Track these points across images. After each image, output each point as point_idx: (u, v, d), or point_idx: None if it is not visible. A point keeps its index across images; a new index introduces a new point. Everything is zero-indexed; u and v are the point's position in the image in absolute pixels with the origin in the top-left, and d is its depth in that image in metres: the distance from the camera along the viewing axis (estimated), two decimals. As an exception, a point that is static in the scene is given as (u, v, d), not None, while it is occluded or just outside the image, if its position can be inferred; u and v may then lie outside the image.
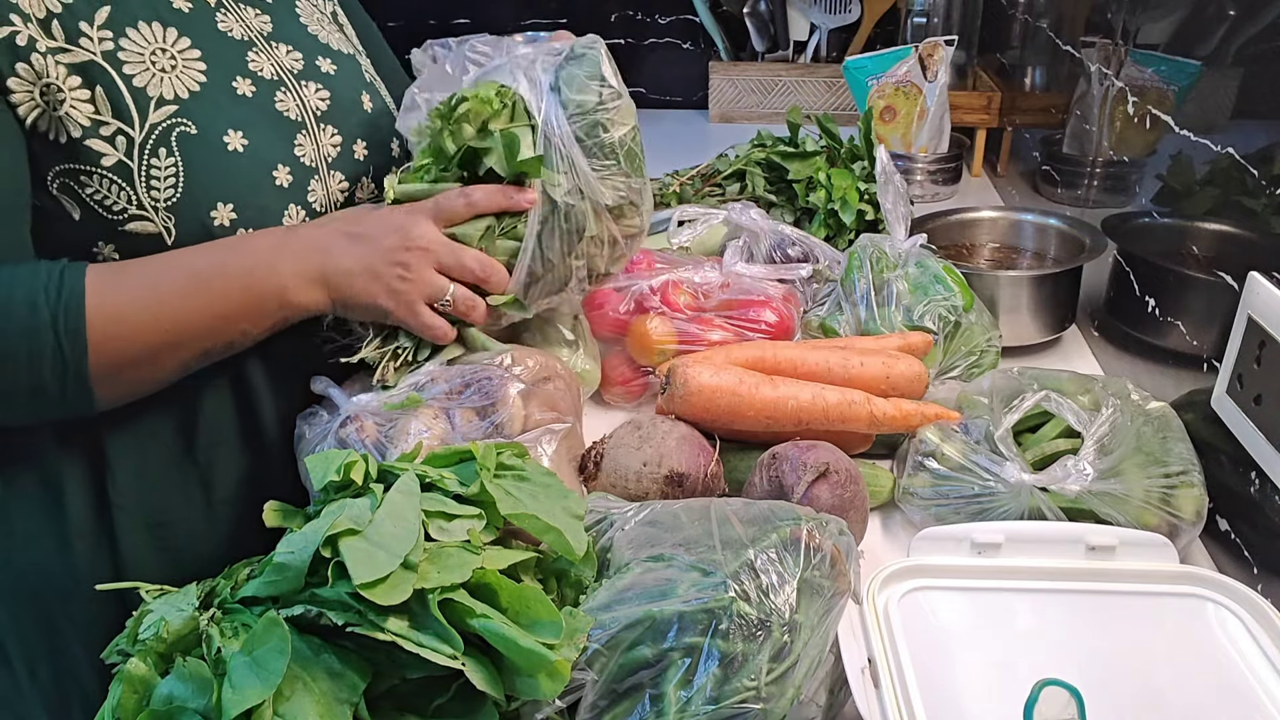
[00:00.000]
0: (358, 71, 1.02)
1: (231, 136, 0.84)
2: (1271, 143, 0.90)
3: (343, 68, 0.99)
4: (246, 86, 0.88)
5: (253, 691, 0.59)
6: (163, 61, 0.82)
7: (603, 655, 0.67)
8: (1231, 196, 0.97)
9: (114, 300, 0.78)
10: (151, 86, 0.80)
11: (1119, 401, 0.95)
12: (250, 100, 0.87)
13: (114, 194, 0.80)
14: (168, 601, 0.68)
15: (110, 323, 0.77)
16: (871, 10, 2.22)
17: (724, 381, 1.00)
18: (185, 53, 0.84)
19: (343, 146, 0.95)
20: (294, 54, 0.94)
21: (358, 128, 0.98)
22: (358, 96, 0.99)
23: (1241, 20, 0.97)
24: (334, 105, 0.95)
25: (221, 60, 0.86)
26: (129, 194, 0.80)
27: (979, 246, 1.47)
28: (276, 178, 0.88)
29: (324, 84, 0.95)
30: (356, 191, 0.98)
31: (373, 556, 0.62)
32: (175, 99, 0.82)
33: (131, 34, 0.80)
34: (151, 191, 0.80)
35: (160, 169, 0.80)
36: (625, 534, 0.78)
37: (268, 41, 0.92)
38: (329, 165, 0.93)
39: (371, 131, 1.00)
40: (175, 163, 0.81)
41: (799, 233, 1.32)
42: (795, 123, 1.56)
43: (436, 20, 2.48)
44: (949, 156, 1.85)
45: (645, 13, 2.44)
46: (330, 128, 0.94)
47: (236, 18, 0.90)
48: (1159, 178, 1.16)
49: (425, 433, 0.88)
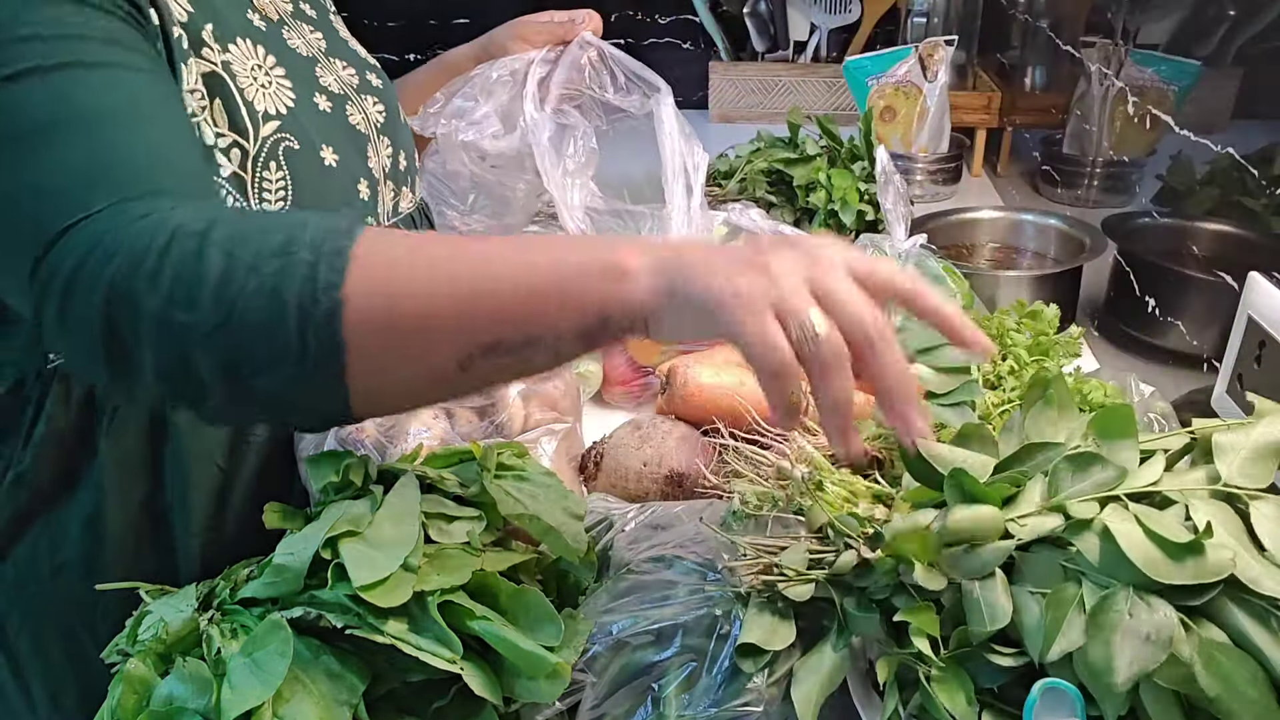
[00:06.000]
0: (391, 85, 1.03)
1: (325, 151, 0.84)
2: (1271, 143, 0.90)
3: (384, 81, 1.00)
4: (325, 102, 0.88)
5: (252, 693, 0.59)
6: (261, 77, 0.81)
7: (603, 658, 0.67)
8: (1231, 196, 0.97)
9: (385, 247, 0.59)
10: (258, 101, 0.80)
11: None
12: (330, 115, 0.88)
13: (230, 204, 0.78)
14: (167, 602, 0.68)
15: (378, 267, 0.57)
16: (871, 10, 2.22)
17: (724, 381, 1.00)
18: (274, 69, 0.83)
19: (393, 157, 0.96)
20: (348, 69, 0.94)
21: (402, 140, 0.99)
22: (398, 109, 1.00)
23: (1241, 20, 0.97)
24: (388, 118, 0.96)
25: (301, 77, 0.86)
26: (243, 205, 0.79)
27: (979, 246, 1.47)
28: (360, 191, 0.88)
29: (378, 97, 0.96)
30: (400, 201, 0.97)
31: (372, 558, 0.62)
32: (278, 114, 0.81)
33: (233, 49, 0.80)
34: (263, 205, 0.80)
35: (271, 182, 0.80)
36: (625, 535, 0.78)
37: (327, 58, 0.92)
38: (386, 176, 0.94)
39: (409, 143, 1.01)
40: (284, 176, 0.81)
41: (799, 233, 1.32)
42: (795, 123, 1.56)
43: (437, 20, 2.48)
44: (949, 156, 1.85)
45: (645, 13, 2.44)
46: (385, 139, 0.95)
47: (299, 35, 0.90)
48: (1159, 178, 1.17)
49: (425, 433, 0.88)
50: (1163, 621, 0.53)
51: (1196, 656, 0.53)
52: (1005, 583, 0.59)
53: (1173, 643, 0.52)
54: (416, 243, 0.62)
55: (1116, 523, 0.56)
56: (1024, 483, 0.62)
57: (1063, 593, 0.56)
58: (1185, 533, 0.55)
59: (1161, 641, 0.52)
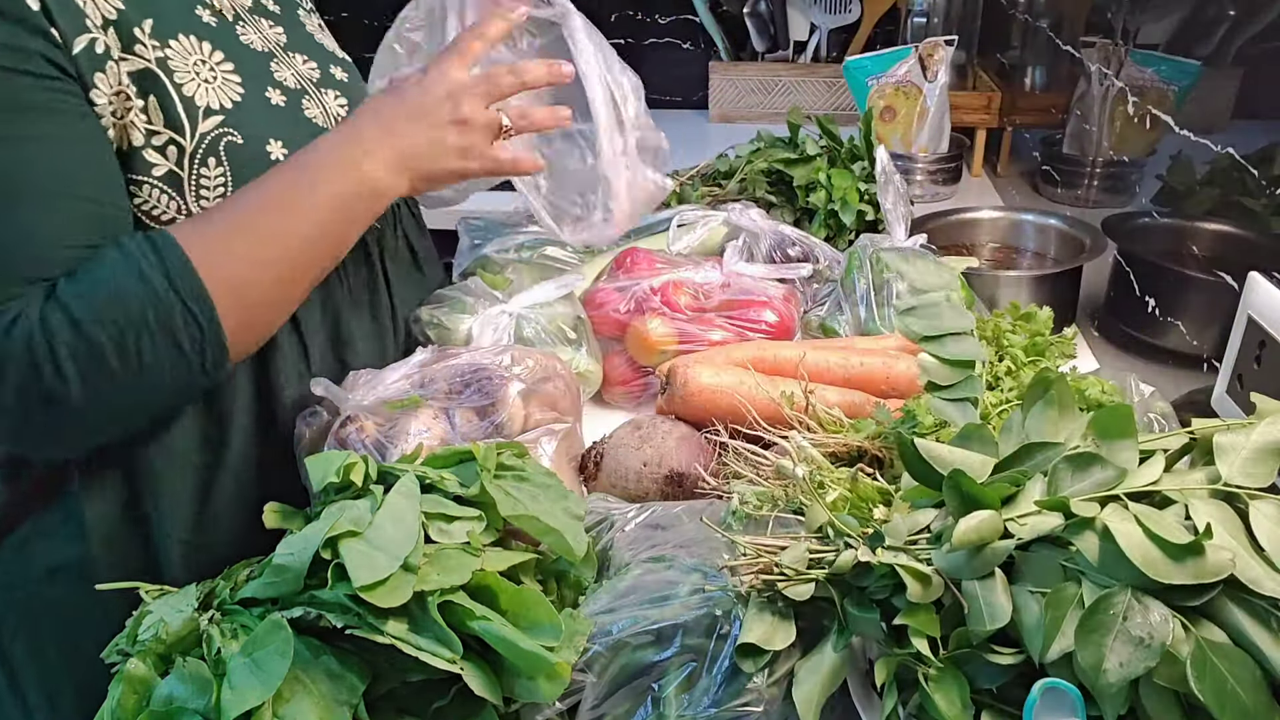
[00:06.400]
0: (359, 77, 1.04)
1: (273, 145, 0.86)
2: (1271, 143, 0.90)
3: (351, 74, 1.01)
4: (278, 96, 0.89)
5: (252, 693, 0.59)
6: (204, 72, 0.82)
7: (603, 658, 0.67)
8: (1231, 196, 0.97)
9: (214, 249, 0.76)
10: (199, 96, 0.81)
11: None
12: (284, 110, 0.89)
13: (163, 204, 0.80)
14: (167, 602, 0.68)
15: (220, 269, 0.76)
16: (871, 10, 2.22)
17: (724, 381, 1.00)
18: (221, 64, 0.84)
19: None
20: (310, 63, 0.96)
21: None
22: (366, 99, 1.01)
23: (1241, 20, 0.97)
24: (351, 110, 0.97)
25: (252, 72, 0.87)
26: (178, 203, 0.80)
27: (979, 246, 1.47)
28: None
29: (340, 90, 0.97)
30: None
31: (372, 559, 0.62)
32: (221, 109, 0.82)
33: (174, 44, 0.81)
34: (200, 201, 0.81)
35: (210, 178, 0.81)
36: (625, 535, 0.78)
37: (286, 52, 0.94)
38: None
39: None
40: (224, 172, 0.82)
41: (799, 233, 1.32)
42: (795, 123, 1.56)
43: (436, 20, 2.48)
44: (949, 156, 1.85)
45: (645, 13, 2.44)
46: None
47: (255, 30, 0.91)
48: (1159, 178, 1.17)
49: (425, 433, 0.88)
50: (1158, 624, 0.53)
51: (1192, 657, 0.53)
52: (1005, 582, 0.59)
53: (1170, 644, 0.52)
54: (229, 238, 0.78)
55: (1116, 522, 0.56)
56: (1024, 482, 0.62)
57: (1062, 592, 0.56)
58: (1185, 533, 0.55)
59: (1156, 645, 0.52)
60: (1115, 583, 0.55)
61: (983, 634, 0.58)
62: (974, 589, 0.59)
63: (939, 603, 0.61)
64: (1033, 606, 0.57)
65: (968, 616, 0.59)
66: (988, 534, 0.59)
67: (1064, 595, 0.56)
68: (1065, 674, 0.55)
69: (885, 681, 0.60)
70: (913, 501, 0.67)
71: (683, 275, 1.20)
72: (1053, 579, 0.58)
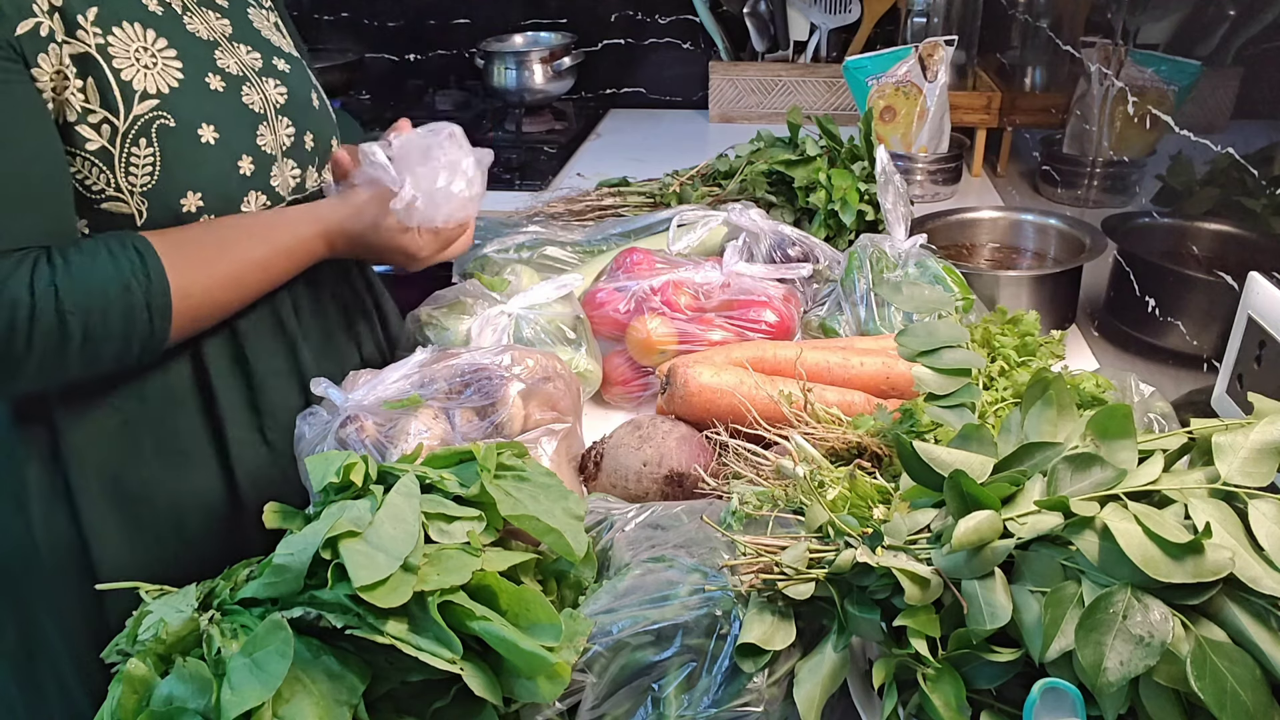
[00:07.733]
0: (305, 72, 1.08)
1: (205, 129, 0.90)
2: (1271, 143, 0.90)
3: (294, 68, 1.05)
4: (218, 82, 0.93)
5: (252, 693, 0.59)
6: (145, 59, 0.87)
7: (603, 658, 0.67)
8: (1231, 196, 0.97)
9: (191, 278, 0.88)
10: (136, 81, 0.86)
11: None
12: (222, 95, 0.93)
13: (94, 176, 0.85)
14: (167, 602, 0.68)
15: (188, 297, 0.87)
16: (871, 10, 2.22)
17: (724, 381, 1.00)
18: (164, 51, 0.89)
19: (296, 137, 1.01)
20: (253, 54, 1.00)
21: (308, 121, 1.04)
22: (308, 94, 1.06)
23: (1241, 20, 0.97)
24: (290, 99, 1.01)
25: (195, 58, 0.92)
26: (108, 177, 0.85)
27: (979, 246, 1.47)
28: (241, 167, 0.94)
29: (281, 80, 1.01)
30: (306, 179, 1.03)
31: (373, 559, 0.62)
32: (157, 93, 0.87)
33: (117, 31, 0.86)
34: (129, 177, 0.86)
35: (139, 157, 0.86)
36: (625, 535, 0.78)
37: (230, 42, 0.98)
38: (284, 154, 0.99)
39: (319, 126, 1.06)
40: (154, 153, 0.87)
41: (799, 233, 1.32)
42: (795, 123, 1.56)
43: (436, 20, 2.48)
44: (949, 156, 1.85)
45: (645, 13, 2.44)
46: (286, 119, 1.00)
47: (201, 20, 0.96)
48: (1159, 178, 1.16)
49: (425, 433, 0.88)
50: (1158, 623, 0.53)
51: (1191, 656, 0.53)
52: (1005, 582, 0.59)
53: (1170, 643, 0.52)
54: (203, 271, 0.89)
55: (1116, 522, 0.56)
56: (1023, 482, 0.62)
57: (1062, 592, 0.56)
58: (1184, 532, 0.56)
59: (1156, 644, 0.52)
60: (1115, 582, 0.55)
61: (983, 633, 0.58)
62: (974, 589, 0.59)
63: (939, 603, 0.61)
64: (1032, 606, 0.57)
65: (968, 616, 0.59)
66: (987, 534, 0.59)
67: (1064, 594, 0.56)
68: (1065, 673, 0.55)
69: (884, 682, 0.60)
70: (912, 501, 0.67)
71: (683, 275, 1.20)
72: (1052, 578, 0.58)
